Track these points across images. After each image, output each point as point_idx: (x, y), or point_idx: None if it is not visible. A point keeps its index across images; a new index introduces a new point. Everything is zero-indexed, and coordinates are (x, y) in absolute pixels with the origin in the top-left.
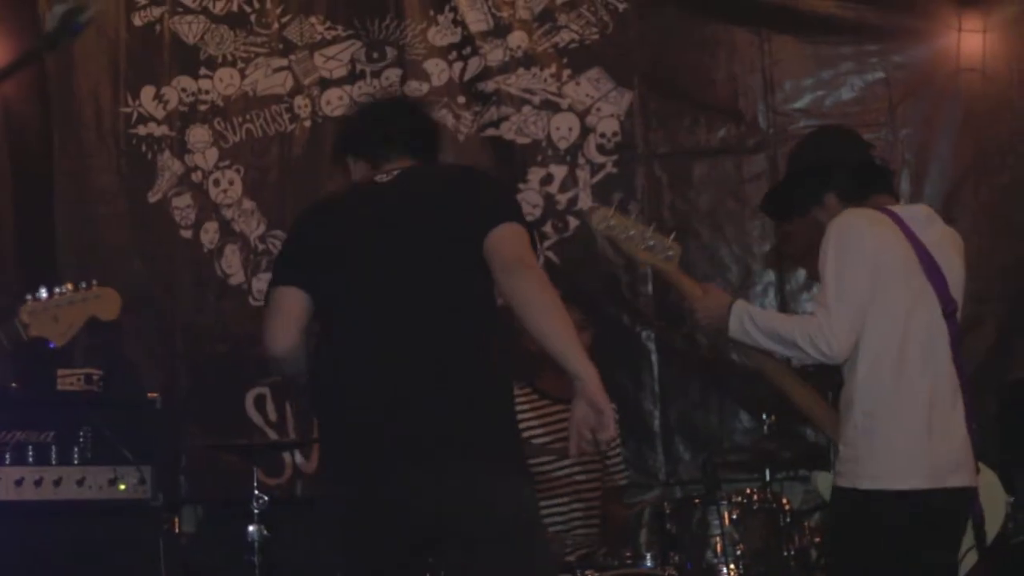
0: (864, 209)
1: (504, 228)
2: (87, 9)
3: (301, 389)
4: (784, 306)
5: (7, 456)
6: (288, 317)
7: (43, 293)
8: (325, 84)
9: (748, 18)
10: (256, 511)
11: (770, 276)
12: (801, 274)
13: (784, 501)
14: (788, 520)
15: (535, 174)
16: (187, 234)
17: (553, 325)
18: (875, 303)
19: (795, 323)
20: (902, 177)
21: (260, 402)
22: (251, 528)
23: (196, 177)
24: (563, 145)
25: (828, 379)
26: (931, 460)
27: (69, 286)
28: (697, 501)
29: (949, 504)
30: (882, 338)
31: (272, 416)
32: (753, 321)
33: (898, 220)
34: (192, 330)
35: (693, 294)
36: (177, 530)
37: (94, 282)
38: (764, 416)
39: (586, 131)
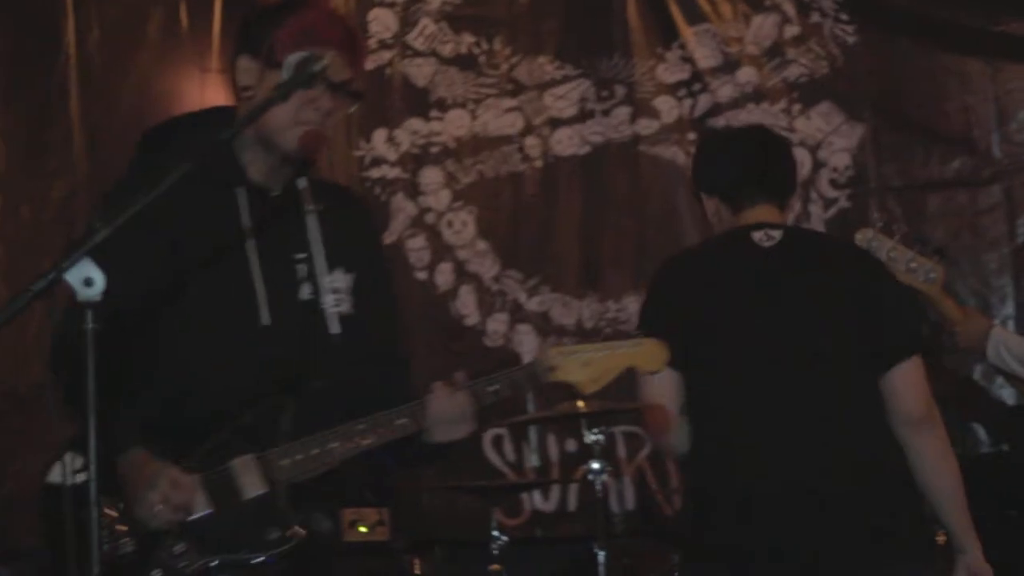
0: None
1: (909, 368)
2: (321, 59)
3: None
4: None
5: None
6: (670, 404)
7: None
8: (555, 124)
9: (979, 47)
10: (495, 552)
11: (1009, 309)
12: None
13: None
14: None
15: None
16: (422, 276)
17: (946, 489)
18: None
19: None
20: None
21: (498, 443)
22: (490, 569)
23: (429, 219)
24: None
25: None
26: None
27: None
28: None
29: None
30: None
31: (510, 457)
32: (1008, 348)
33: None
34: (426, 372)
35: (955, 317)
36: (417, 571)
37: (637, 331)
38: None
39: (818, 165)
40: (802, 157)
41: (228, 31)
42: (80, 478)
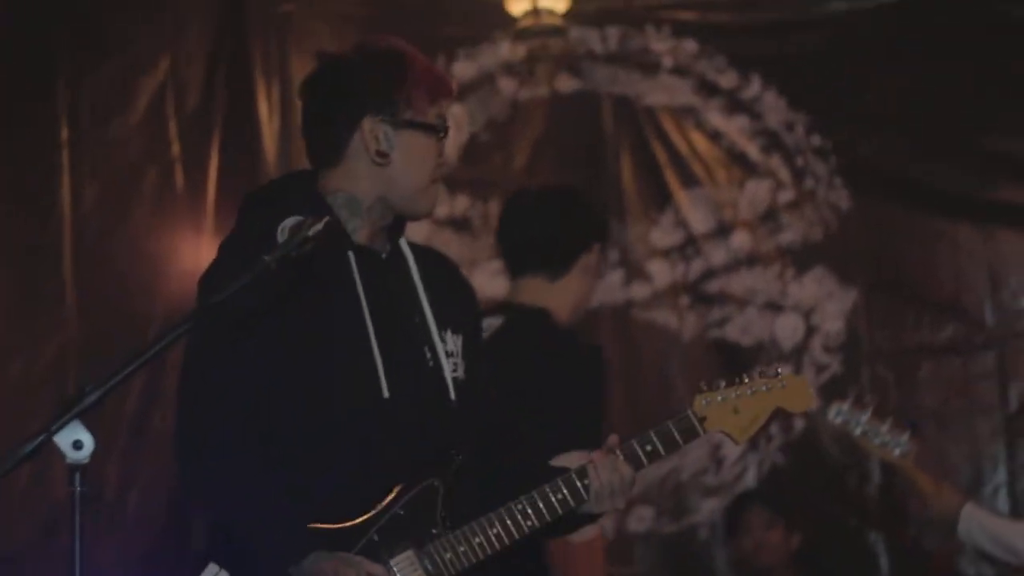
0: None
1: None
2: (316, 224)
3: None
4: (1016, 506)
5: None
6: None
7: (721, 382)
8: None
9: (971, 214)
10: None
11: (1001, 476)
12: None
13: None
14: None
15: None
16: None
17: None
18: None
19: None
20: None
21: None
22: None
23: None
24: (788, 345)
25: None
26: None
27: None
28: None
29: None
30: None
31: None
32: (982, 526)
33: None
34: None
35: (927, 491)
36: None
37: (779, 370)
38: None
39: (811, 330)
40: (795, 322)
41: (224, 192)
42: None
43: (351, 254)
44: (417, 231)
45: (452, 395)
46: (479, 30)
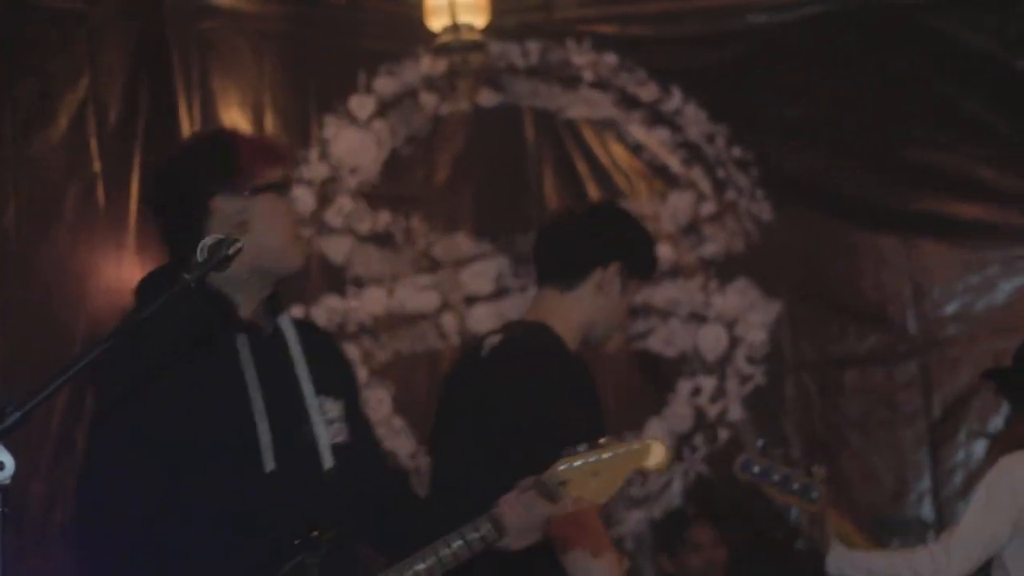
0: None
1: None
2: (235, 241)
3: None
4: (940, 514)
5: None
6: None
7: (582, 446)
8: (472, 301)
9: (894, 225)
10: None
11: (925, 484)
12: (957, 481)
13: None
14: None
15: (683, 386)
16: None
17: None
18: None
19: (901, 561)
20: None
21: None
22: None
23: None
24: (711, 357)
25: None
26: None
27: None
28: None
29: None
30: None
31: None
32: (851, 563)
33: None
34: None
35: (827, 541)
36: None
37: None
38: None
39: (734, 341)
40: (719, 333)
41: (146, 208)
42: None
43: (242, 336)
44: (338, 247)
45: (327, 463)
46: (400, 45)
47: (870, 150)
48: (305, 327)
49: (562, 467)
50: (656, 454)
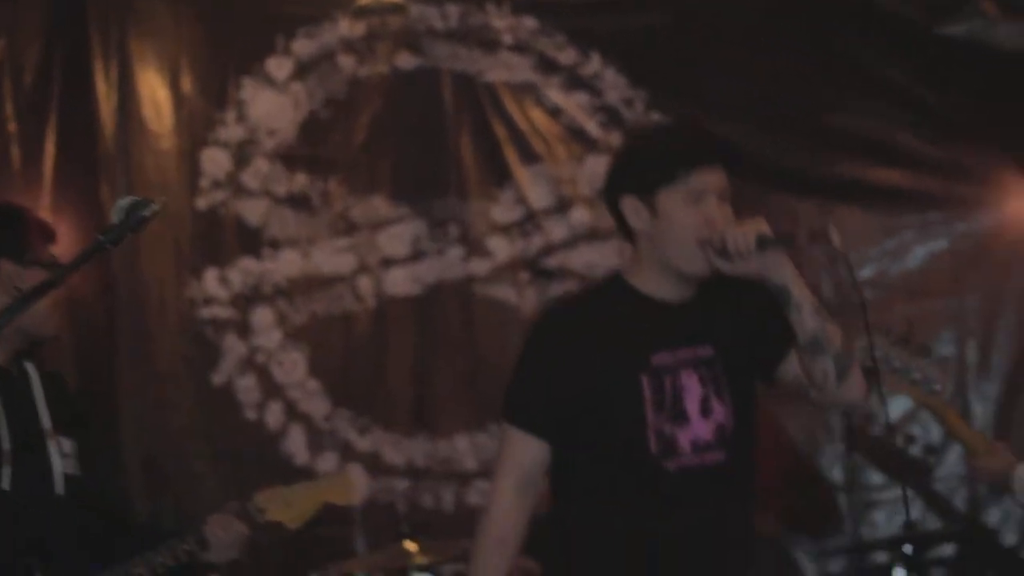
0: None
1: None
2: (151, 203)
3: None
4: (851, 476)
5: None
6: None
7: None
8: (388, 263)
9: (811, 189)
10: None
11: (839, 448)
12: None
13: None
14: None
15: None
16: (251, 415)
17: None
18: None
19: None
20: (968, 346)
21: None
22: None
23: (260, 358)
24: None
25: None
26: None
27: None
28: None
29: None
30: None
31: None
32: None
33: None
34: None
35: (974, 447)
36: None
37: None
38: None
39: None
40: None
41: (60, 170)
42: None
43: None
44: (254, 209)
45: (59, 488)
46: (319, 8)
47: (789, 116)
48: (47, 374)
49: (262, 496)
50: (346, 486)
